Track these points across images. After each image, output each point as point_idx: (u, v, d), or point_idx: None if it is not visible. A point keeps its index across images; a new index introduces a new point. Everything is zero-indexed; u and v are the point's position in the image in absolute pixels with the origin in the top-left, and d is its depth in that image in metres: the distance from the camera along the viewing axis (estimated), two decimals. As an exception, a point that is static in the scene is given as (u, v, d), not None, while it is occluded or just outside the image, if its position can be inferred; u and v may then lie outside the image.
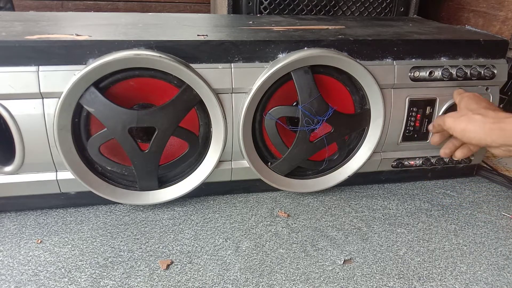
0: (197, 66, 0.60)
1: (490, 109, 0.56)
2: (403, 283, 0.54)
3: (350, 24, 0.82)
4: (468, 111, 0.58)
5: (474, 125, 0.55)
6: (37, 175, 0.62)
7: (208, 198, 0.71)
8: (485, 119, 0.54)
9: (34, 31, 0.61)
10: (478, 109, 0.57)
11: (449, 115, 0.60)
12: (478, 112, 0.56)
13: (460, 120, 0.57)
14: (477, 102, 0.58)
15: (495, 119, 0.54)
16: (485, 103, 0.58)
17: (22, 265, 0.54)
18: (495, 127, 0.53)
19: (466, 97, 0.61)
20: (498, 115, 0.54)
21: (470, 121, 0.56)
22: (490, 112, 0.55)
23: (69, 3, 1.53)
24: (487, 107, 0.57)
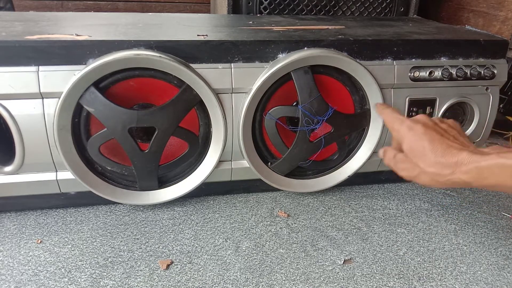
0: (197, 66, 0.60)
1: (439, 155, 0.45)
2: (403, 283, 0.54)
3: (350, 24, 0.82)
4: (416, 165, 0.47)
5: (434, 183, 0.46)
6: (37, 175, 0.62)
7: (208, 198, 0.71)
8: (438, 176, 0.45)
9: (34, 31, 0.61)
10: (427, 161, 0.46)
11: (402, 171, 0.50)
12: (429, 169, 0.46)
13: (417, 178, 0.48)
14: (421, 147, 0.47)
15: (448, 175, 0.44)
16: (427, 144, 0.46)
17: (22, 265, 0.54)
18: (448, 183, 0.45)
19: (405, 137, 0.49)
20: (449, 164, 0.44)
21: (426, 178, 0.47)
22: (441, 162, 0.45)
23: (69, 3, 1.53)
24: (432, 149, 0.46)
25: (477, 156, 0.43)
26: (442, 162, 0.45)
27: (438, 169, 0.45)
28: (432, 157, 0.46)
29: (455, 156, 0.44)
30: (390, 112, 0.54)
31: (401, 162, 0.50)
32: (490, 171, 0.42)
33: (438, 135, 0.47)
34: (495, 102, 0.73)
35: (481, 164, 0.42)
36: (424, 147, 0.47)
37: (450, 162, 0.44)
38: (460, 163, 0.44)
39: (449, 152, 0.45)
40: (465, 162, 0.43)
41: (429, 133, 0.47)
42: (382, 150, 0.55)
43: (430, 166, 0.46)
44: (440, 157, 0.45)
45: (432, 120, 0.50)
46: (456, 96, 0.71)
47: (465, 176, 0.43)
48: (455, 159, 0.44)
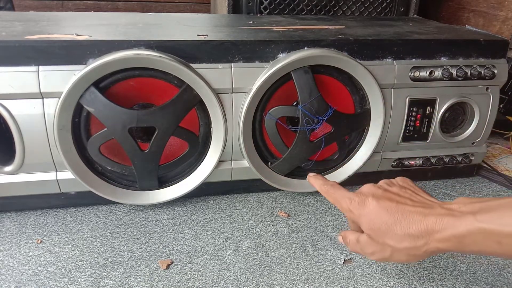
0: (197, 66, 0.60)
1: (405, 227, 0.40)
2: (403, 283, 0.54)
3: (350, 24, 0.82)
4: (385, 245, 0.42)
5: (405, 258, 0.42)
6: (37, 175, 0.62)
7: (208, 198, 0.71)
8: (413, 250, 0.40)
9: (34, 31, 0.61)
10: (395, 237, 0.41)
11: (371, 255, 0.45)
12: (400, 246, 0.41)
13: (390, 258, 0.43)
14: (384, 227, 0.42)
15: (423, 247, 0.39)
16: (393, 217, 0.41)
17: (22, 265, 0.54)
18: (426, 255, 0.41)
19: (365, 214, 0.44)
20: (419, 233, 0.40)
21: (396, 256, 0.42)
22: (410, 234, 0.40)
23: (69, 3, 1.53)
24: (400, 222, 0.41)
25: (450, 219, 0.38)
26: (411, 233, 0.40)
27: (410, 242, 0.40)
28: (398, 230, 0.41)
29: (421, 222, 0.39)
30: (332, 190, 0.48)
31: (368, 245, 0.44)
32: (472, 238, 0.36)
33: (393, 204, 0.42)
34: (495, 102, 0.73)
35: (460, 231, 0.37)
36: (385, 223, 0.41)
37: (420, 231, 0.39)
38: (432, 231, 0.39)
39: (414, 220, 0.40)
40: (437, 228, 0.38)
41: (384, 205, 0.42)
42: (340, 236, 0.49)
43: (400, 242, 0.41)
44: (407, 228, 0.40)
45: (380, 187, 0.46)
46: (456, 96, 0.71)
47: (442, 244, 0.38)
48: (424, 226, 0.39)
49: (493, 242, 0.35)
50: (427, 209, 0.40)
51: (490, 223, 0.35)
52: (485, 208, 0.37)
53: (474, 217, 0.36)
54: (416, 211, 0.40)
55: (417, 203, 0.42)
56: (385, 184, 0.47)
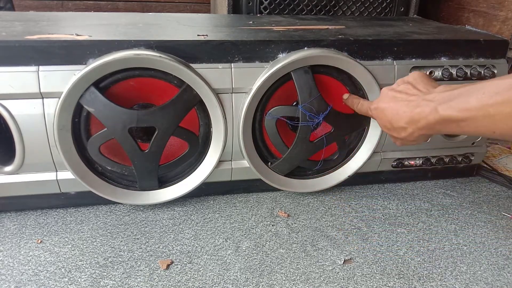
0: (197, 66, 0.60)
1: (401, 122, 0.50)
2: (403, 283, 0.54)
3: (350, 24, 0.82)
4: (393, 137, 0.54)
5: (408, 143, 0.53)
6: (37, 175, 0.62)
7: (208, 198, 0.71)
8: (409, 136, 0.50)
9: (34, 31, 0.61)
10: (397, 131, 0.51)
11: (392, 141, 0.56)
12: (401, 136, 0.51)
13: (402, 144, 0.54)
14: (389, 125, 0.52)
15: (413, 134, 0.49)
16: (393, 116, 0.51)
17: (22, 265, 0.54)
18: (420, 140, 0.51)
19: (379, 116, 0.54)
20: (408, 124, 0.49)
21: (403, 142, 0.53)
22: (402, 127, 0.50)
23: (69, 3, 1.53)
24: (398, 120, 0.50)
25: (424, 110, 0.46)
26: (402, 126, 0.50)
27: (404, 133, 0.50)
28: (395, 125, 0.51)
29: (406, 116, 0.49)
30: (356, 100, 0.61)
31: (391, 139, 0.55)
32: (440, 125, 0.45)
33: (392, 103, 0.51)
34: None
35: (429, 120, 0.45)
36: (389, 121, 0.52)
37: (406, 123, 0.49)
38: (413, 121, 0.48)
39: (402, 115, 0.49)
40: (417, 118, 0.47)
41: (387, 107, 0.52)
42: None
43: (399, 133, 0.51)
44: (399, 122, 0.50)
45: (390, 89, 0.54)
46: (456, 96, 0.71)
47: (422, 131, 0.48)
48: (407, 119, 0.48)
49: (454, 126, 0.43)
50: (411, 102, 0.49)
51: (447, 111, 0.43)
52: (448, 97, 0.44)
53: (439, 107, 0.44)
54: (404, 105, 0.49)
55: (408, 96, 0.50)
56: (396, 84, 0.54)
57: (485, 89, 0.40)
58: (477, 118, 0.40)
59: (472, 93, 0.41)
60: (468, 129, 0.42)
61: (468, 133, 0.45)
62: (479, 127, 0.41)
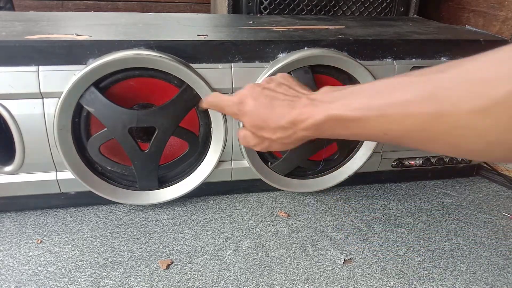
0: (197, 66, 0.60)
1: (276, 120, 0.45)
2: (403, 283, 0.54)
3: (350, 24, 0.82)
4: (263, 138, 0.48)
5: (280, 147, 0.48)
6: (37, 175, 0.62)
7: (208, 198, 0.71)
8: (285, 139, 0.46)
9: (34, 31, 0.61)
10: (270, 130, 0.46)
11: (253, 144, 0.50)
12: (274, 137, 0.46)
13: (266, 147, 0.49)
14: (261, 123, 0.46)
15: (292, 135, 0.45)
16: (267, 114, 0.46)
17: (22, 265, 0.54)
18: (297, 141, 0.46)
19: (245, 113, 0.48)
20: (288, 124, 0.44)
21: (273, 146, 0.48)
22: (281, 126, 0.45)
23: (69, 3, 1.53)
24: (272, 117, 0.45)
25: (310, 109, 0.42)
26: (281, 125, 0.44)
27: (282, 133, 0.45)
28: (271, 124, 0.45)
29: (289, 115, 0.44)
30: (215, 100, 0.52)
31: (251, 139, 0.49)
32: (326, 125, 0.41)
33: (268, 100, 0.46)
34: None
35: (316, 119, 0.41)
36: (262, 119, 0.46)
37: (288, 122, 0.44)
38: (296, 121, 0.43)
39: (284, 113, 0.44)
40: (301, 118, 0.42)
41: (260, 103, 0.46)
42: (237, 132, 0.54)
43: (274, 134, 0.46)
44: (278, 121, 0.45)
45: (259, 86, 0.49)
46: (456, 96, 0.71)
47: (306, 132, 0.43)
48: (290, 118, 0.43)
49: (342, 127, 0.39)
50: (294, 102, 0.44)
51: (338, 110, 0.39)
52: (338, 96, 0.41)
53: (328, 106, 0.40)
54: (285, 105, 0.45)
55: (288, 97, 0.45)
56: (265, 82, 0.50)
57: (378, 87, 0.37)
58: (370, 118, 0.36)
59: (363, 92, 0.38)
60: (356, 130, 0.38)
61: (353, 135, 0.40)
62: (369, 128, 0.37)
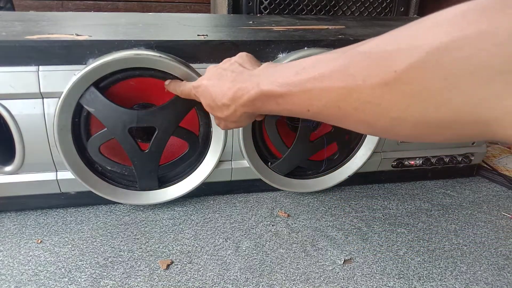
0: (197, 66, 0.60)
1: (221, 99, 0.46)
2: (403, 283, 0.54)
3: (350, 24, 0.82)
4: (218, 118, 0.49)
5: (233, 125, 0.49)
6: (37, 175, 0.62)
7: (208, 198, 0.71)
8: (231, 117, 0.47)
9: (34, 31, 0.61)
10: (219, 110, 0.47)
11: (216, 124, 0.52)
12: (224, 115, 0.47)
13: (223, 126, 0.51)
14: (212, 103, 0.47)
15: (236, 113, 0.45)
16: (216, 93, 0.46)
17: (22, 265, 0.54)
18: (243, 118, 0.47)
19: (200, 95, 0.50)
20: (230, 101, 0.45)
21: (228, 124, 0.49)
22: (225, 104, 0.45)
23: (69, 3, 1.53)
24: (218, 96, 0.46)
25: (247, 84, 0.42)
26: (224, 103, 0.45)
27: (227, 111, 0.46)
28: (218, 102, 0.46)
29: (229, 91, 0.44)
30: (178, 86, 0.55)
31: (216, 121, 0.51)
32: (260, 101, 0.41)
33: (216, 80, 0.47)
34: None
35: (251, 95, 0.42)
36: (211, 99, 0.47)
37: (229, 99, 0.44)
38: (235, 97, 0.43)
39: (225, 90, 0.45)
40: (239, 94, 0.43)
41: (211, 83, 0.47)
42: None
43: (222, 112, 0.46)
44: (222, 99, 0.45)
45: (215, 66, 0.49)
46: (456, 96, 0.71)
47: (244, 108, 0.43)
48: (230, 94, 0.44)
49: (273, 103, 0.40)
50: (235, 78, 0.44)
51: (267, 85, 0.40)
52: (271, 72, 0.41)
53: (260, 81, 0.41)
54: (228, 81, 0.45)
55: (234, 74, 0.45)
56: (222, 62, 0.50)
57: (305, 63, 0.37)
58: (294, 93, 0.37)
59: (292, 67, 0.39)
60: (285, 106, 0.39)
61: (285, 111, 0.40)
62: (295, 104, 0.37)
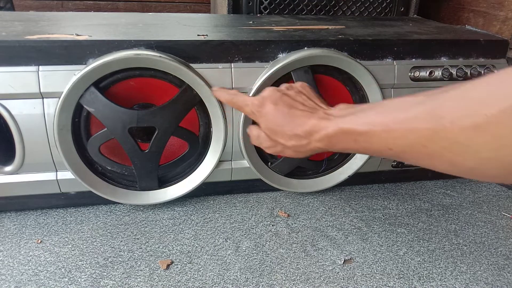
0: (197, 66, 0.60)
1: (293, 128, 0.47)
2: (403, 283, 0.54)
3: (350, 24, 0.82)
4: (277, 142, 0.49)
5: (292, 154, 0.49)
6: (37, 175, 0.62)
7: (208, 198, 0.71)
8: (298, 147, 0.47)
9: (34, 31, 0.61)
10: (285, 136, 0.48)
11: (266, 147, 0.52)
12: (289, 143, 0.48)
13: (278, 151, 0.51)
14: (277, 128, 0.48)
15: (306, 145, 0.47)
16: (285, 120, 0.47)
17: (22, 265, 0.54)
18: (309, 152, 0.48)
19: (263, 116, 0.50)
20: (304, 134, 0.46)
21: (286, 151, 0.50)
22: (297, 134, 0.46)
23: (69, 3, 1.53)
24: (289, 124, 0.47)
25: (325, 122, 0.44)
26: (297, 134, 0.46)
27: (296, 141, 0.47)
28: (287, 131, 0.47)
29: (306, 125, 0.46)
30: (236, 98, 0.54)
31: (264, 141, 0.52)
32: (337, 138, 0.43)
33: (287, 108, 0.48)
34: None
35: (329, 131, 0.43)
36: (278, 125, 0.48)
37: (304, 132, 0.46)
38: (312, 132, 0.45)
39: (301, 123, 0.46)
40: (316, 129, 0.44)
41: (279, 109, 0.48)
42: (249, 128, 0.55)
43: (289, 141, 0.47)
44: (294, 129, 0.46)
45: (279, 91, 0.50)
46: (456, 96, 0.71)
47: (319, 143, 0.45)
48: (307, 128, 0.45)
49: (351, 140, 0.42)
50: (312, 114, 0.46)
51: (347, 124, 0.42)
52: (350, 112, 0.43)
53: (340, 120, 0.43)
54: (303, 115, 0.47)
55: (306, 108, 0.48)
56: (285, 88, 0.51)
57: (387, 105, 0.40)
58: (376, 132, 0.39)
59: (374, 108, 0.41)
60: (364, 144, 0.40)
61: (362, 149, 0.42)
62: (375, 142, 0.39)
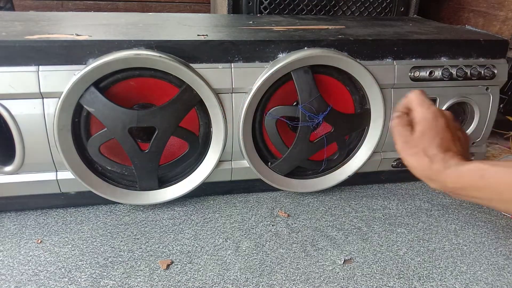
0: (197, 66, 0.60)
1: (440, 150, 0.48)
2: (403, 283, 0.54)
3: (350, 24, 0.82)
4: (419, 148, 0.49)
5: (420, 169, 0.49)
6: (37, 175, 0.62)
7: (208, 198, 0.71)
8: (430, 166, 0.48)
9: (34, 31, 0.61)
10: (430, 147, 0.49)
11: (401, 142, 0.51)
12: (427, 153, 0.49)
13: (409, 156, 0.50)
14: (433, 136, 0.49)
15: (438, 170, 0.47)
16: (440, 137, 0.49)
17: (22, 265, 0.54)
18: (434, 179, 0.48)
19: (425, 120, 0.50)
20: (444, 162, 0.47)
21: (418, 162, 0.49)
22: (438, 156, 0.48)
23: (69, 3, 1.53)
24: (440, 144, 0.49)
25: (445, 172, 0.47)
26: (441, 157, 0.48)
27: (433, 161, 0.48)
28: (434, 150, 0.48)
29: (452, 159, 0.47)
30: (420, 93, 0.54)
31: (406, 136, 0.51)
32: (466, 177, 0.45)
33: (450, 135, 0.50)
34: (495, 102, 0.73)
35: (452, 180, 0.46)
36: (436, 141, 0.49)
37: (447, 162, 0.47)
38: (453, 164, 0.47)
39: (449, 156, 0.48)
40: (452, 164, 0.47)
41: (447, 131, 0.50)
42: (397, 113, 0.54)
43: (427, 156, 0.48)
44: (442, 153, 0.48)
45: (455, 121, 0.53)
46: (456, 96, 0.71)
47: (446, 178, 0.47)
48: (449, 161, 0.47)
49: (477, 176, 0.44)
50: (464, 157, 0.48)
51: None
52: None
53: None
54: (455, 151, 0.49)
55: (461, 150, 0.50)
56: (458, 125, 0.53)
57: None
58: None
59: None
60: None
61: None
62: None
